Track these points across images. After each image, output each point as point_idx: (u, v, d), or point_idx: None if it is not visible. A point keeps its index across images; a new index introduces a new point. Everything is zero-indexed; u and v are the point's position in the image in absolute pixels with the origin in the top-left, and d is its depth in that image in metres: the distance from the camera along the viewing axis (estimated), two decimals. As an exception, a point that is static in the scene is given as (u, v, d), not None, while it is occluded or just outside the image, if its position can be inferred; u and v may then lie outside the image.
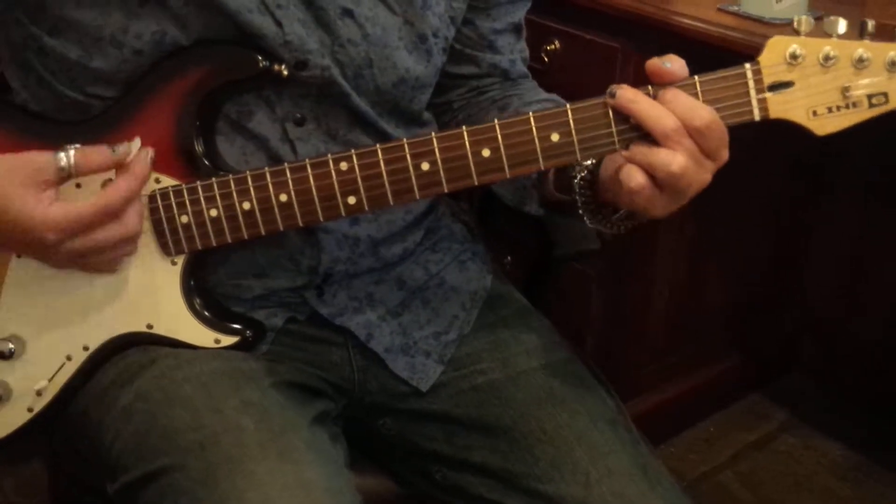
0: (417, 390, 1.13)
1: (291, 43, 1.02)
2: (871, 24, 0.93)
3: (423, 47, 1.10)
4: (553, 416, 1.09)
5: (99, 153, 0.97)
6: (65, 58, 1.03)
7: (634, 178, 0.94)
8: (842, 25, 0.93)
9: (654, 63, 0.94)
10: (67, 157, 0.96)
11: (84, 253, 0.98)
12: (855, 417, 2.20)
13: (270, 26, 1.01)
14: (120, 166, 0.98)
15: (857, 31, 0.94)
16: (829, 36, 0.94)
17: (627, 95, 0.94)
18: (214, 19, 1.00)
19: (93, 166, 0.97)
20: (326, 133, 1.08)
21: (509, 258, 1.60)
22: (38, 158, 0.96)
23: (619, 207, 1.02)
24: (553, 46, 1.80)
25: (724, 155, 0.95)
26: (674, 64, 0.94)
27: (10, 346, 1.04)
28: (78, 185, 1.02)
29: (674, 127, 0.92)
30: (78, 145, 0.97)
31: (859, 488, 2.04)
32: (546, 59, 1.80)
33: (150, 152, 1.00)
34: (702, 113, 0.92)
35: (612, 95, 0.94)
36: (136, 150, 0.99)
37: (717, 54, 0.97)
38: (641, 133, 0.94)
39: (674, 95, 0.93)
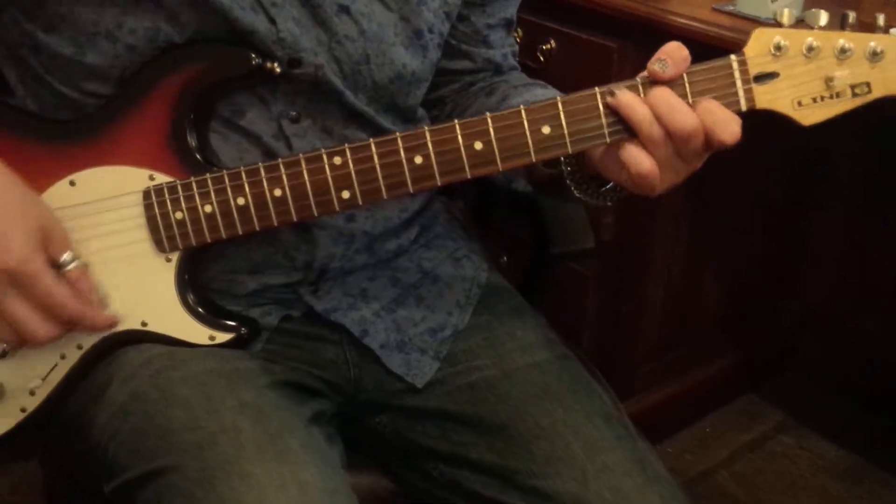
0: (413, 387, 1.13)
1: (285, 40, 1.02)
2: (851, 16, 0.95)
3: (418, 43, 1.10)
4: (549, 412, 1.09)
5: (90, 288, 1.01)
6: (59, 54, 1.03)
7: (645, 163, 0.95)
8: (823, 17, 0.95)
9: (653, 71, 0.95)
10: (71, 260, 0.99)
11: None
12: (851, 418, 2.21)
13: (263, 23, 1.01)
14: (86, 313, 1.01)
15: (839, 24, 0.95)
16: (811, 28, 0.95)
17: (627, 99, 0.95)
18: (208, 16, 1.00)
19: (78, 287, 0.99)
20: (322, 129, 1.08)
21: (505, 257, 1.60)
22: (58, 233, 0.99)
23: (607, 180, 1.03)
24: (549, 46, 1.80)
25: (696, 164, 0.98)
26: (670, 66, 0.95)
27: (3, 345, 1.04)
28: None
29: (660, 134, 0.95)
30: (83, 263, 1.00)
31: (855, 488, 2.05)
32: (542, 59, 1.81)
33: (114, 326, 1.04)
34: (686, 119, 0.94)
35: (612, 94, 0.96)
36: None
37: (712, 54, 0.98)
38: (629, 126, 0.96)
39: (660, 100, 0.95)
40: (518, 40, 1.29)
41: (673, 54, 0.95)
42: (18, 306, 0.97)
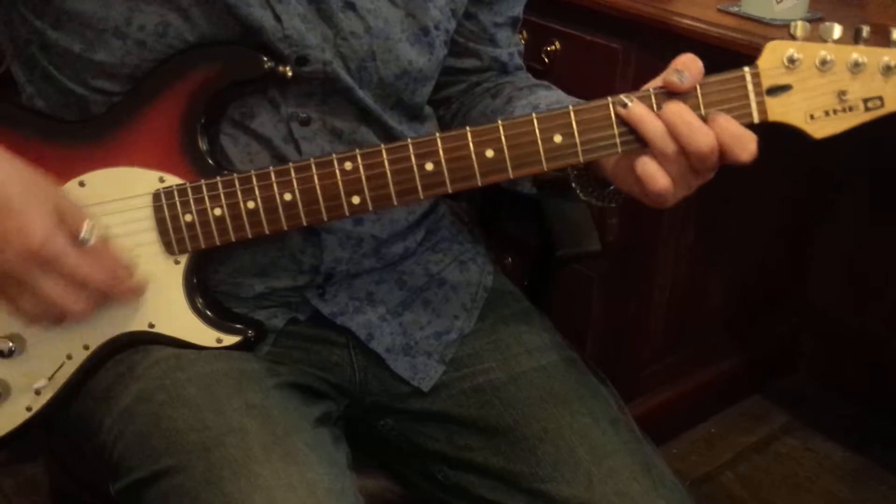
0: (419, 390, 1.13)
1: (291, 37, 1.02)
2: (865, 29, 0.95)
3: (425, 40, 1.10)
4: (555, 416, 1.09)
5: (113, 260, 0.99)
6: (68, 51, 1.03)
7: (661, 180, 0.95)
8: (837, 31, 0.94)
9: (671, 81, 0.95)
10: (89, 236, 0.96)
11: (24, 280, 0.95)
12: (856, 419, 2.21)
13: (269, 20, 1.01)
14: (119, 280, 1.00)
15: (852, 37, 0.95)
16: (825, 41, 0.95)
17: (639, 112, 0.95)
18: (216, 12, 1.00)
19: (101, 260, 0.98)
20: (332, 132, 1.08)
21: (510, 259, 1.60)
22: (71, 211, 0.96)
23: (610, 182, 1.03)
24: (554, 47, 1.80)
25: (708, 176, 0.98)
26: (688, 78, 0.95)
27: (10, 344, 1.04)
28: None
29: (674, 150, 0.94)
30: (103, 235, 0.98)
31: (860, 490, 2.05)
32: (547, 60, 1.80)
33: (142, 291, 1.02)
34: (703, 138, 0.94)
35: (623, 105, 0.95)
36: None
37: (717, 55, 0.98)
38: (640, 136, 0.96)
39: (676, 116, 0.94)
40: (523, 41, 1.29)
41: (689, 66, 0.95)
42: (51, 285, 0.95)
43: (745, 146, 0.94)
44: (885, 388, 2.17)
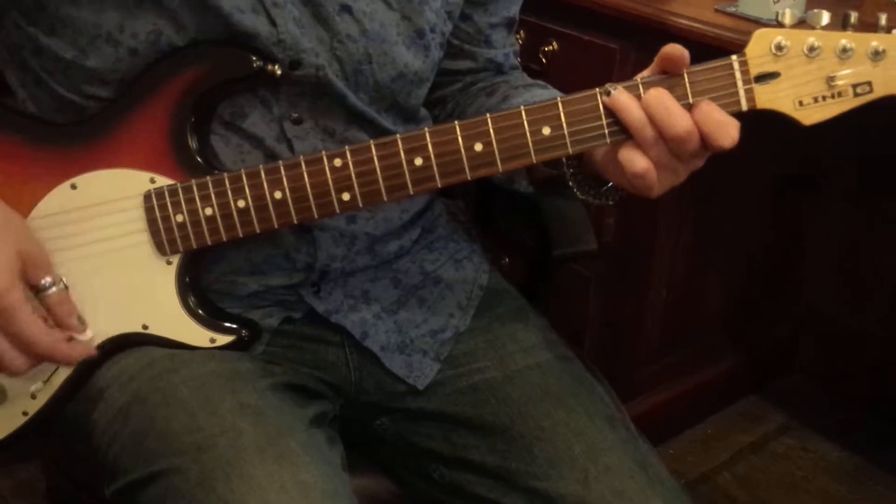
0: (414, 389, 1.13)
1: (285, 42, 1.02)
2: (853, 16, 0.94)
3: (420, 42, 1.10)
4: (550, 414, 1.09)
5: (69, 312, 1.00)
6: (60, 57, 1.03)
7: (639, 162, 0.95)
8: (824, 17, 0.94)
9: (668, 53, 0.95)
10: (50, 284, 0.98)
11: None
12: (853, 419, 2.20)
13: (264, 25, 1.01)
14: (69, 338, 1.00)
15: (840, 24, 0.95)
16: (813, 28, 0.95)
17: (622, 100, 0.95)
18: (209, 19, 1.00)
19: (57, 311, 0.99)
20: (324, 131, 1.08)
21: (507, 259, 1.60)
22: (37, 256, 0.98)
23: (607, 180, 1.03)
24: (551, 48, 1.80)
25: (698, 163, 0.98)
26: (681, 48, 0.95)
27: (3, 349, 1.04)
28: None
29: (653, 135, 0.94)
30: (63, 286, 1.00)
31: (857, 490, 2.04)
32: (544, 61, 1.81)
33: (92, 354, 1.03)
34: (679, 122, 0.94)
35: (608, 94, 0.96)
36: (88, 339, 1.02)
37: (714, 55, 0.98)
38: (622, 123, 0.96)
39: (655, 102, 0.94)
40: (520, 42, 1.29)
41: (675, 53, 0.95)
42: None
43: (728, 133, 0.94)
44: (881, 388, 2.17)
